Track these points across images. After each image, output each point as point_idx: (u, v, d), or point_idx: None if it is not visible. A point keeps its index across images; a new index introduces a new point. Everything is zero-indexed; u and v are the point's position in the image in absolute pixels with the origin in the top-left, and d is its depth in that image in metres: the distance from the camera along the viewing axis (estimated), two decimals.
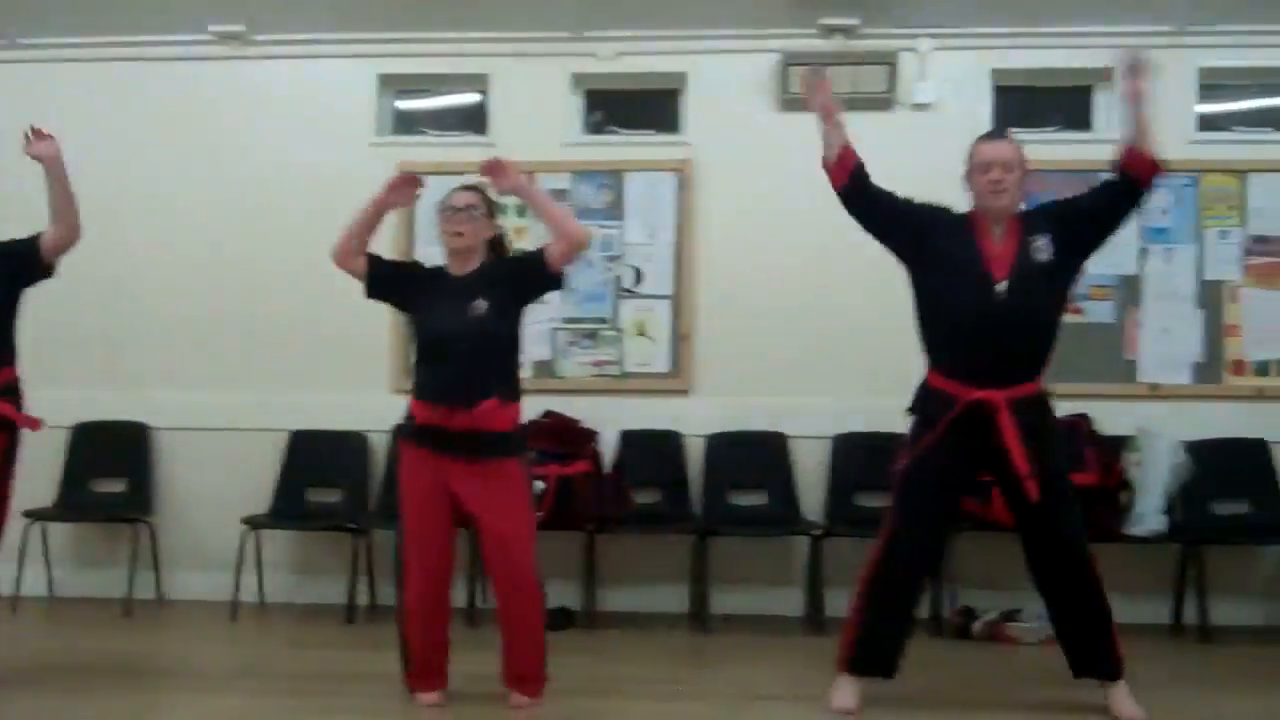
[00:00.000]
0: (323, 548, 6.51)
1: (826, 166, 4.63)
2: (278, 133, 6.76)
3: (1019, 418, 4.38)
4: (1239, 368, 6.34)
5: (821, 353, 6.39)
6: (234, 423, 6.64)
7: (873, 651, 4.59)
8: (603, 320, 6.60)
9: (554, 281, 4.60)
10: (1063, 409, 5.88)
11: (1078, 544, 4.51)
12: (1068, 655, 4.62)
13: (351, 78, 6.77)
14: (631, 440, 6.31)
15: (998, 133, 4.83)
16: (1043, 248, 4.49)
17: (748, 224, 6.55)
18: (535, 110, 6.69)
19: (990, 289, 4.41)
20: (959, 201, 4.66)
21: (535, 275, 4.56)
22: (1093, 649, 4.55)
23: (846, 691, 4.59)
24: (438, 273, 4.65)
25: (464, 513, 4.47)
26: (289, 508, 6.48)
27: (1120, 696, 4.53)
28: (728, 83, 6.61)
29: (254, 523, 6.26)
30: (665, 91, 6.80)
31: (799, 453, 6.41)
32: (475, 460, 4.40)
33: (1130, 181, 4.54)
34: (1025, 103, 6.61)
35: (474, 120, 6.89)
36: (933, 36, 6.48)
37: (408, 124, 7.00)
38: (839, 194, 4.64)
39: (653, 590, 6.39)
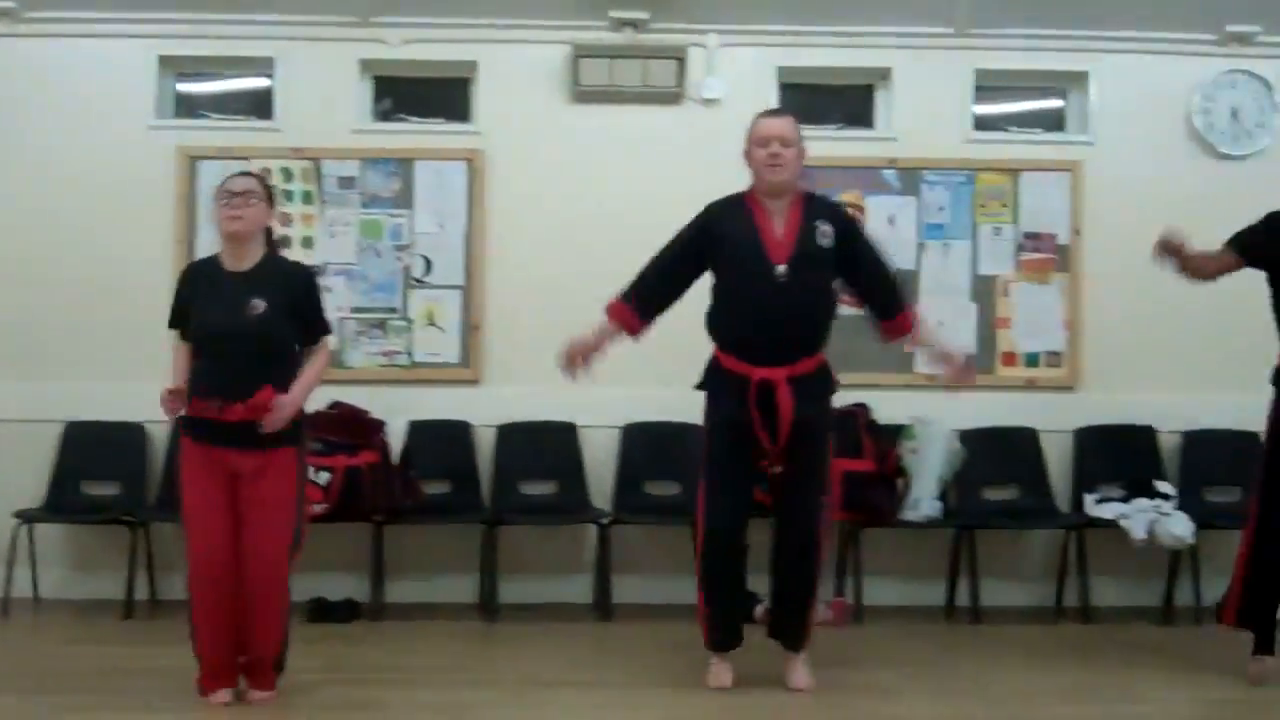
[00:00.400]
0: (100, 541, 6.28)
1: (625, 332, 4.85)
2: (51, 115, 6.49)
3: (797, 392, 4.57)
4: (1010, 359, 6.59)
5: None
6: (4, 413, 6.36)
7: (727, 627, 4.78)
8: (392, 310, 6.52)
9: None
10: (842, 398, 6.06)
11: (814, 520, 4.70)
12: (772, 620, 4.86)
13: (129, 59, 6.54)
14: (420, 431, 6.25)
15: (777, 110, 4.96)
16: (827, 233, 4.65)
17: (539, 214, 6.54)
18: (323, 96, 6.57)
19: (771, 272, 4.55)
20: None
21: (308, 318, 4.58)
22: (790, 620, 4.78)
23: (720, 670, 4.76)
24: (214, 269, 4.53)
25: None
26: (64, 501, 6.25)
27: (797, 666, 4.77)
28: (519, 73, 6.60)
29: (26, 516, 6.03)
30: (456, 80, 6.76)
31: (589, 442, 6.43)
32: (251, 450, 4.34)
33: (885, 313, 4.89)
34: (809, 100, 6.74)
35: (260, 105, 6.74)
36: (721, 33, 6.57)
37: (190, 108, 6.81)
38: (646, 328, 4.87)
39: (442, 581, 6.34)
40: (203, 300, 4.45)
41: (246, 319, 4.35)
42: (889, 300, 4.84)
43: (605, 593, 6.10)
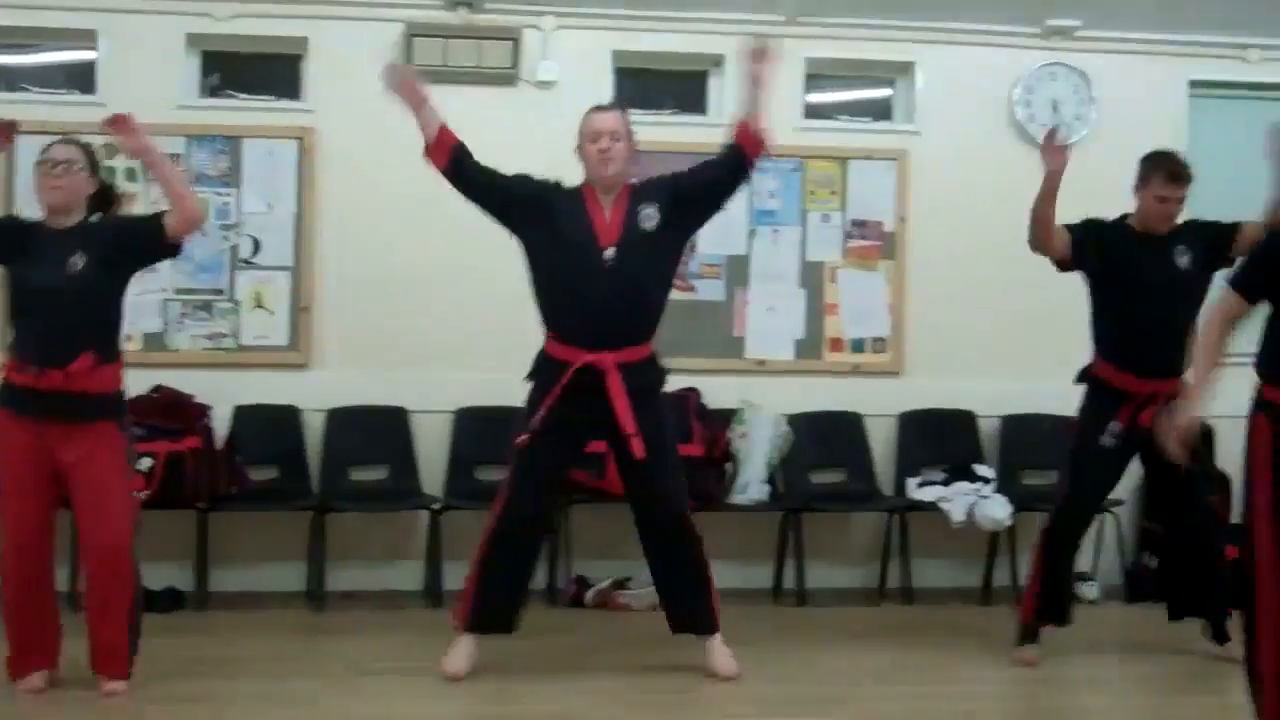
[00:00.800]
0: None
1: (427, 150, 4.75)
2: None
3: (628, 380, 4.59)
4: (837, 345, 6.71)
5: (442, 327, 6.38)
6: None
7: (492, 610, 4.73)
8: (218, 291, 6.37)
9: (169, 250, 4.55)
10: (673, 383, 6.11)
11: (679, 505, 4.78)
12: (668, 612, 4.87)
13: None
14: (247, 415, 6.16)
15: (607, 104, 5.01)
16: (650, 215, 4.70)
17: (372, 195, 6.44)
18: (147, 70, 6.37)
19: (598, 256, 4.59)
20: (578, 177, 4.82)
21: (150, 241, 4.46)
22: (691, 605, 4.81)
23: (459, 655, 4.70)
24: (37, 227, 4.45)
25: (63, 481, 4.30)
26: None
27: (716, 650, 4.79)
28: (351, 51, 6.47)
29: None
30: (287, 57, 6.62)
31: (420, 427, 6.38)
32: (72, 423, 4.25)
33: (738, 156, 4.80)
34: (643, 85, 6.78)
35: (82, 78, 6.52)
36: (556, 15, 6.54)
37: (8, 80, 6.56)
38: (442, 173, 4.77)
39: (269, 569, 6.24)
40: (23, 258, 4.35)
41: (67, 275, 4.26)
42: (724, 154, 4.84)
43: (436, 579, 6.08)
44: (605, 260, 4.60)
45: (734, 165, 4.83)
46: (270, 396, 6.28)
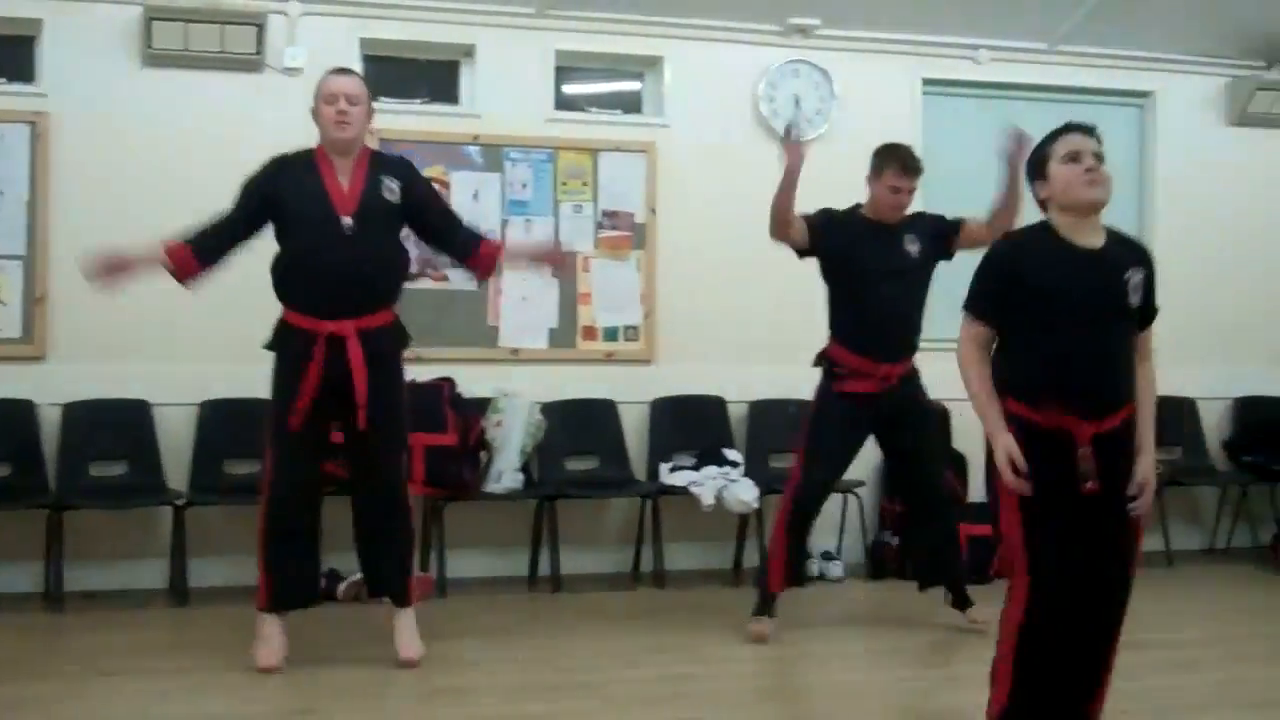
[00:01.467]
0: None
1: (178, 278, 4.74)
2: None
3: (367, 347, 4.59)
4: (591, 333, 6.78)
5: (186, 317, 6.17)
6: None
7: (288, 585, 4.73)
8: None
9: None
10: (427, 373, 6.13)
11: (396, 479, 4.82)
12: (368, 576, 4.92)
13: None
14: None
15: (345, 68, 4.96)
16: (393, 189, 4.71)
17: (110, 182, 6.20)
18: None
19: (336, 225, 4.58)
20: None
21: None
22: (389, 573, 4.84)
23: (270, 643, 4.68)
24: None
25: None
26: None
27: (404, 629, 4.81)
28: (87, 33, 6.24)
29: None
30: (20, 38, 6.34)
31: (163, 420, 6.19)
32: None
33: (464, 260, 4.98)
34: (394, 73, 6.73)
35: None
36: (302, 0, 6.44)
37: None
38: (203, 276, 4.78)
39: (2, 570, 5.97)
40: None
41: None
42: (465, 238, 4.93)
43: (181, 577, 5.91)
44: (344, 229, 4.58)
45: (457, 254, 4.98)
46: (3, 390, 6.02)
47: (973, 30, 7.13)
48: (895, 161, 5.22)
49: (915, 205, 5.40)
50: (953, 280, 4.47)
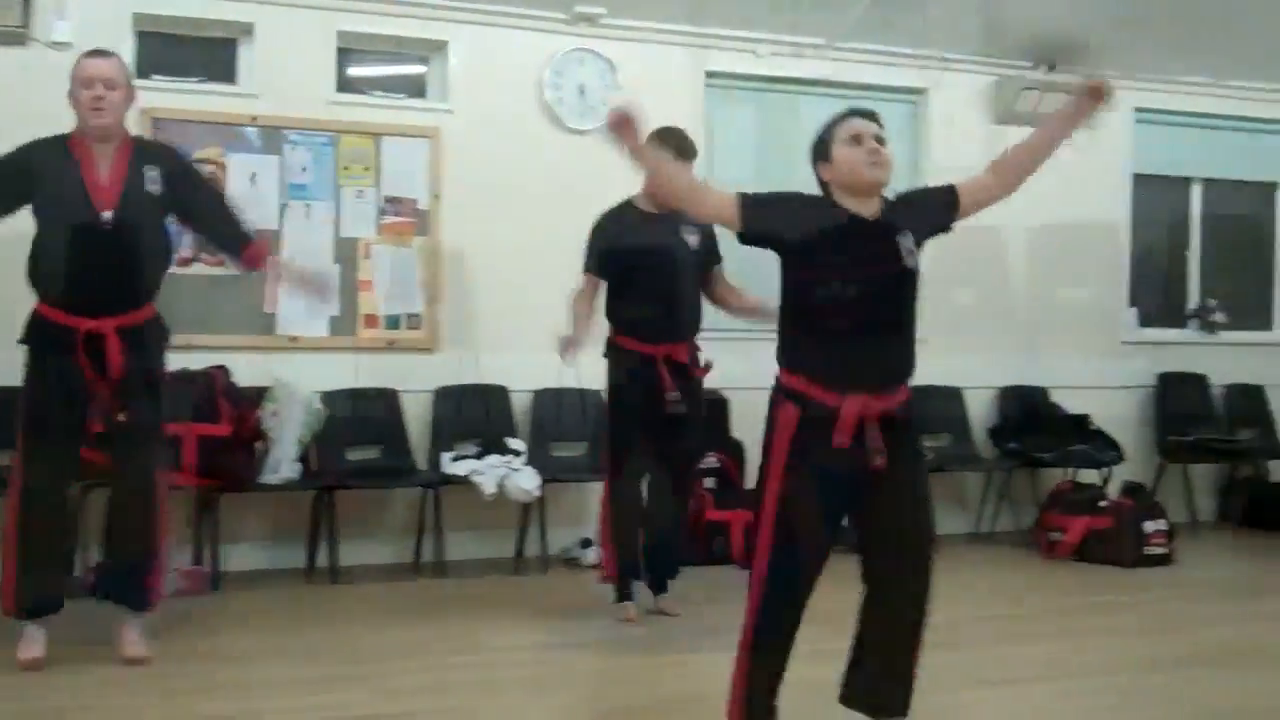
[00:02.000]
0: None
1: None
2: None
3: (127, 343, 4.47)
4: (372, 321, 6.68)
5: None
6: None
7: (39, 592, 4.56)
8: None
9: None
10: (200, 361, 5.97)
11: (152, 470, 4.67)
12: (98, 579, 4.83)
13: None
14: None
15: (103, 50, 4.74)
16: (155, 180, 4.56)
17: None
18: None
19: (96, 219, 4.43)
20: None
21: None
22: (131, 577, 4.70)
23: (30, 639, 4.53)
24: None
25: None
26: None
27: (128, 632, 4.68)
28: None
29: None
30: None
31: None
32: None
33: (234, 251, 4.92)
34: (169, 50, 6.52)
35: None
36: None
37: None
38: None
39: None
40: None
41: None
42: (235, 231, 4.83)
43: None
44: (103, 223, 4.43)
45: (223, 248, 4.97)
46: None
47: (753, 25, 7.23)
48: (670, 145, 5.03)
49: None
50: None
